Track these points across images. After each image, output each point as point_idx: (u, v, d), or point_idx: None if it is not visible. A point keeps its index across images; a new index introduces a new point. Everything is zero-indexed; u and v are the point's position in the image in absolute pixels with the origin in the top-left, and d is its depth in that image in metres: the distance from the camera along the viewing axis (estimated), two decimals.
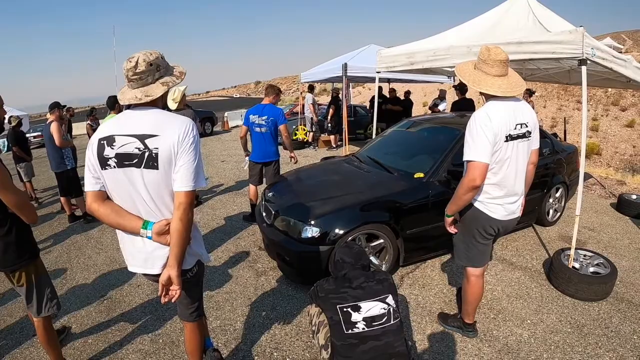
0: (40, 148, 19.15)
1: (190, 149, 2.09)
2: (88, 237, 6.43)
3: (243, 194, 8.20)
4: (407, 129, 6.05)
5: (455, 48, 5.84)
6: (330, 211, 4.19)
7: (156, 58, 2.14)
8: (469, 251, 3.22)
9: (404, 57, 6.59)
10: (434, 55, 6.08)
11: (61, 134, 6.63)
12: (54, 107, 6.80)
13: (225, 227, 6.44)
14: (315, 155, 12.25)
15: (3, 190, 2.56)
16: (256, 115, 5.91)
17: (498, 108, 2.84)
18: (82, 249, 5.95)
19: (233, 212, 7.10)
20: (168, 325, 3.87)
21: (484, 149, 2.77)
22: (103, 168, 2.13)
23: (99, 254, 5.71)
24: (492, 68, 2.85)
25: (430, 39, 6.96)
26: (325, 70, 12.92)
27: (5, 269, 2.85)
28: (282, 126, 5.88)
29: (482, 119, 2.79)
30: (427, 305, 4.03)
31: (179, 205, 2.09)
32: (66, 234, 6.69)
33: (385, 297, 2.58)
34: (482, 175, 2.82)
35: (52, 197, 9.36)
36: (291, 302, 4.15)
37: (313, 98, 13.86)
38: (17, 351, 3.67)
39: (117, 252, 5.71)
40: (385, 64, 7.00)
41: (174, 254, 2.11)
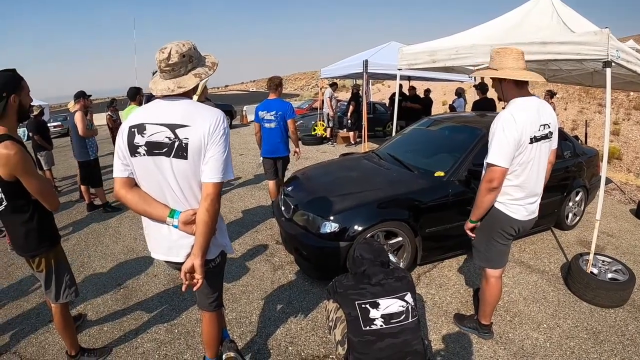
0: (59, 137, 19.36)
1: (220, 140, 2.10)
2: (106, 226, 6.50)
3: (261, 188, 8.22)
4: (428, 127, 6.01)
5: (478, 47, 5.78)
6: (350, 207, 4.18)
7: (189, 49, 2.14)
8: (489, 252, 3.19)
9: (425, 54, 6.53)
10: (456, 54, 6.02)
11: (85, 123, 6.69)
12: (79, 96, 6.88)
13: (243, 220, 6.46)
14: (333, 151, 12.23)
15: (27, 176, 2.61)
16: (265, 111, 5.91)
17: (523, 107, 2.83)
18: (100, 238, 6.02)
19: (251, 206, 7.11)
20: (184, 316, 3.90)
21: (505, 153, 2.77)
22: (132, 155, 2.15)
23: (116, 243, 5.77)
24: (516, 62, 2.86)
25: (452, 37, 6.87)
26: (346, 66, 12.88)
27: (25, 254, 2.89)
28: (290, 120, 5.83)
29: (506, 120, 2.77)
30: (444, 305, 4.00)
31: (206, 196, 2.10)
32: (84, 222, 6.77)
33: (403, 295, 2.56)
34: (499, 179, 2.84)
35: (71, 185, 9.48)
36: (307, 297, 4.16)
37: (331, 93, 13.83)
38: (33, 337, 3.72)
39: (134, 241, 5.78)
40: (406, 61, 6.94)
41: (198, 244, 2.12)
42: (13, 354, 3.50)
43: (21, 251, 2.90)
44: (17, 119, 2.75)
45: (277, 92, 5.94)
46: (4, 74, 2.66)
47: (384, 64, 10.78)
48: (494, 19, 6.76)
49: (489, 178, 2.84)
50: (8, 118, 2.66)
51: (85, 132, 6.67)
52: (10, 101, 2.62)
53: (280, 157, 6.06)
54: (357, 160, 5.85)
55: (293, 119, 5.89)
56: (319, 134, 14.19)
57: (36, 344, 3.63)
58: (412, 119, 10.03)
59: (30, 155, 2.68)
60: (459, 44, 6.22)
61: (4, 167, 2.54)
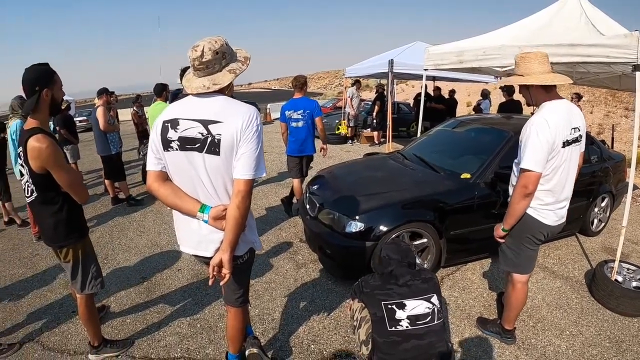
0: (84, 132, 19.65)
1: (253, 137, 2.10)
2: (130, 220, 6.59)
3: (284, 185, 8.22)
4: (453, 128, 5.96)
5: (506, 48, 5.71)
6: (376, 207, 4.17)
7: (221, 46, 2.13)
8: (518, 257, 3.15)
9: (452, 55, 6.47)
10: (483, 55, 5.96)
11: (106, 119, 6.80)
12: (102, 92, 7.01)
13: (266, 217, 6.48)
14: (356, 151, 12.18)
15: (58, 169, 2.66)
16: (292, 110, 5.89)
17: (555, 111, 2.79)
18: (124, 231, 6.10)
19: (275, 203, 7.11)
20: (207, 311, 3.92)
21: (539, 158, 2.74)
22: (165, 150, 2.17)
23: (140, 237, 5.85)
24: (542, 65, 2.83)
25: (479, 37, 6.80)
26: (371, 65, 12.86)
27: (53, 245, 2.95)
28: (318, 118, 5.83)
29: (540, 124, 2.73)
30: (467, 309, 3.97)
31: (237, 192, 2.11)
32: (109, 215, 6.88)
33: (430, 297, 2.55)
34: (534, 184, 2.80)
35: (96, 179, 9.63)
36: (330, 296, 4.15)
37: (353, 92, 13.78)
38: (56, 326, 3.79)
39: (158, 235, 5.84)
40: (433, 61, 6.89)
41: (228, 240, 2.13)
42: (36, 343, 3.57)
43: (49, 241, 2.96)
44: (49, 112, 2.79)
45: (303, 90, 5.94)
46: (37, 68, 2.71)
47: (409, 64, 10.73)
48: (521, 20, 6.69)
49: (524, 183, 2.80)
50: (40, 112, 2.72)
51: (106, 127, 6.79)
52: (43, 95, 2.66)
53: (306, 156, 6.07)
54: (382, 160, 5.83)
55: (320, 116, 5.89)
56: (343, 133, 14.14)
57: (59, 333, 3.69)
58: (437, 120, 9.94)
59: (61, 149, 2.74)
60: (486, 44, 6.16)
61: (35, 160, 2.60)
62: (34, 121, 2.69)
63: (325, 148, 6.19)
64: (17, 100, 5.66)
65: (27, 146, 2.59)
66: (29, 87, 2.65)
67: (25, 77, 2.66)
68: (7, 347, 3.48)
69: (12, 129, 5.56)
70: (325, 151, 6.19)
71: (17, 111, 5.62)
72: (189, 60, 2.14)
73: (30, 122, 2.70)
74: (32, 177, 2.70)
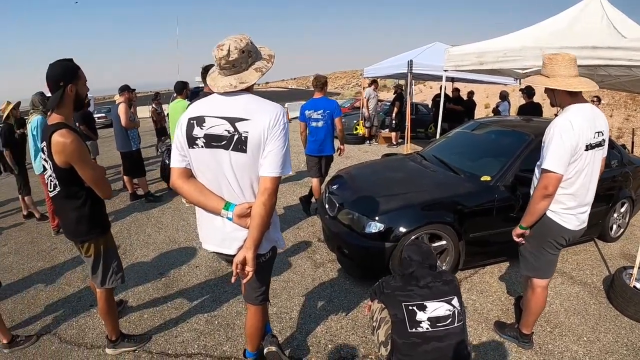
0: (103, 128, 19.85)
1: (280, 135, 2.10)
2: (148, 216, 6.65)
3: (303, 185, 8.21)
4: (473, 130, 5.91)
5: (527, 49, 5.67)
6: (395, 208, 4.16)
7: (247, 44, 2.13)
8: (538, 261, 3.13)
9: (473, 56, 6.44)
10: (504, 56, 5.92)
11: (128, 115, 6.88)
12: (124, 89, 7.09)
13: (285, 216, 6.48)
14: (374, 151, 12.13)
15: (82, 164, 2.68)
16: (312, 110, 5.90)
17: (580, 114, 2.77)
18: (143, 227, 6.16)
19: (293, 202, 7.10)
20: (225, 308, 3.95)
21: (561, 159, 2.72)
22: (190, 147, 2.18)
23: (158, 233, 5.90)
24: (568, 69, 2.80)
25: (500, 38, 6.75)
26: (389, 66, 12.80)
27: (75, 239, 2.97)
28: (337, 119, 5.84)
29: (564, 126, 2.71)
30: (484, 312, 3.94)
31: (264, 190, 2.11)
32: (127, 211, 6.95)
33: (450, 299, 2.54)
34: (555, 186, 2.79)
35: (114, 175, 9.72)
36: (348, 296, 4.15)
37: (369, 94, 13.72)
38: (74, 320, 3.84)
39: (176, 232, 5.89)
40: (453, 62, 6.86)
41: (252, 237, 2.13)
42: (53, 336, 3.62)
43: (72, 236, 2.98)
44: (73, 108, 2.82)
45: (323, 91, 5.95)
46: (62, 63, 2.73)
47: (428, 65, 10.69)
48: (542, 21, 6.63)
49: (544, 184, 2.79)
50: (65, 107, 2.74)
51: (127, 124, 6.86)
52: (67, 90, 2.69)
53: (325, 156, 6.07)
54: (402, 161, 5.81)
55: (340, 117, 5.90)
56: (361, 133, 14.10)
57: (76, 327, 3.74)
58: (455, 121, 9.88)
59: (85, 144, 2.76)
60: (507, 46, 6.12)
61: (60, 155, 2.62)
62: (58, 116, 2.71)
63: (342, 149, 6.19)
64: (38, 96, 5.74)
65: (52, 141, 2.61)
66: (53, 82, 2.67)
67: (50, 72, 2.68)
68: (25, 338, 3.54)
69: (32, 124, 5.61)
70: (342, 152, 6.20)
71: (37, 107, 5.69)
72: (214, 59, 2.14)
73: (54, 117, 2.72)
74: (56, 171, 2.72)
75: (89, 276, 3.18)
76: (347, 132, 14.18)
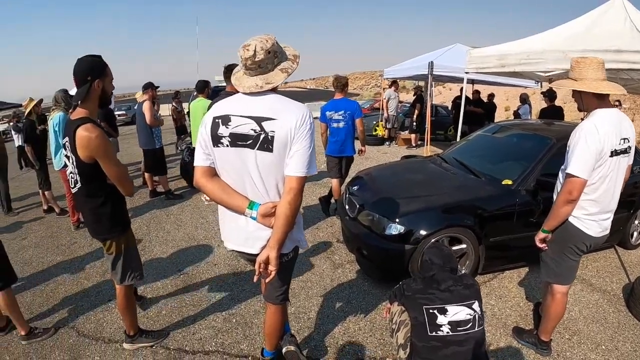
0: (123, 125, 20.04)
1: (306, 135, 2.11)
2: (168, 213, 6.72)
3: (322, 185, 8.21)
4: (494, 133, 5.87)
5: (549, 52, 5.63)
6: (416, 210, 4.16)
7: (272, 45, 2.13)
8: (559, 267, 3.09)
9: (494, 58, 6.40)
10: (527, 59, 5.88)
11: (152, 112, 6.96)
12: (148, 87, 7.19)
13: (304, 216, 6.30)
14: (393, 152, 12.10)
15: (106, 160, 2.70)
16: (332, 111, 5.92)
17: (606, 119, 2.73)
18: (162, 224, 6.22)
19: (312, 202, 7.12)
20: (242, 306, 3.96)
21: (586, 164, 2.69)
22: (215, 145, 2.19)
23: (177, 230, 5.94)
24: (597, 72, 2.76)
25: (522, 40, 6.70)
26: (410, 67, 12.72)
27: (98, 237, 3.01)
28: (358, 120, 5.85)
29: (589, 130, 2.68)
30: (503, 318, 3.90)
31: (289, 189, 2.12)
32: (147, 208, 7.03)
33: (471, 303, 2.52)
34: (579, 191, 2.76)
35: (134, 172, 9.81)
36: (367, 298, 4.13)
37: (390, 94, 13.67)
38: (92, 314, 3.90)
39: (195, 229, 5.92)
40: (474, 64, 6.82)
41: (276, 237, 2.14)
42: (71, 329, 3.68)
43: (94, 233, 3.01)
44: (98, 104, 2.84)
45: (344, 92, 5.98)
46: (90, 59, 2.76)
47: (449, 67, 10.59)
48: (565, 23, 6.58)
49: (569, 189, 2.76)
50: (90, 102, 2.76)
51: (152, 122, 6.92)
52: (95, 86, 2.71)
53: (345, 157, 6.08)
54: (423, 163, 5.79)
55: (361, 118, 5.91)
56: (380, 134, 14.06)
57: (94, 321, 3.79)
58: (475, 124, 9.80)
59: (109, 140, 2.78)
60: (529, 48, 6.08)
61: (84, 149, 2.64)
62: (83, 110, 2.73)
63: (363, 150, 6.21)
64: (61, 93, 5.80)
65: (76, 135, 2.62)
66: (80, 77, 2.69)
67: (78, 67, 2.70)
68: (43, 331, 3.60)
69: (54, 120, 5.67)
70: (363, 152, 6.22)
71: (60, 104, 5.74)
72: (240, 59, 2.14)
73: (79, 111, 2.74)
74: (79, 167, 2.74)
75: (108, 271, 3.20)
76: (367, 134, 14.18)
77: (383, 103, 13.85)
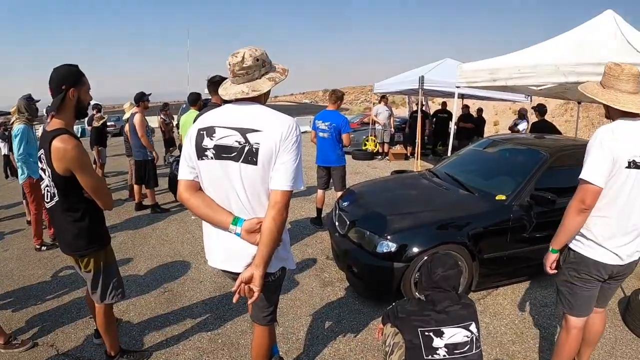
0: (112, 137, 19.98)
1: (292, 148, 2.04)
2: (154, 228, 6.59)
3: (312, 200, 8.08)
4: (485, 148, 5.85)
5: (541, 67, 5.63)
6: (408, 227, 4.09)
7: (261, 54, 2.12)
8: (572, 297, 2.84)
9: (486, 72, 6.40)
10: (518, 73, 5.88)
11: (144, 126, 6.88)
12: (140, 99, 7.09)
13: (292, 232, 6.37)
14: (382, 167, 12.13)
15: (83, 172, 2.60)
16: (320, 121, 6.08)
17: (626, 127, 2.53)
18: (147, 239, 6.09)
19: (301, 217, 7.06)
20: (228, 326, 3.83)
21: (600, 169, 2.46)
22: (200, 158, 2.12)
23: (163, 245, 5.82)
24: (627, 84, 2.56)
25: (514, 54, 6.75)
26: (400, 82, 12.82)
27: (74, 253, 2.87)
28: (345, 135, 5.95)
29: (604, 133, 2.49)
30: (498, 336, 3.79)
31: (274, 204, 2.04)
32: (133, 222, 6.90)
33: (469, 325, 2.42)
34: (592, 199, 2.50)
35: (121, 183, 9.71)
36: (358, 317, 4.02)
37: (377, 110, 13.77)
38: (72, 331, 3.79)
39: (181, 245, 5.82)
40: (465, 78, 6.82)
41: (261, 254, 2.04)
42: (50, 347, 3.56)
43: (70, 250, 2.88)
44: (74, 114, 2.76)
45: (336, 105, 6.12)
46: (66, 67, 2.69)
47: (439, 81, 10.68)
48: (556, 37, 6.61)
49: (581, 197, 2.52)
50: (66, 112, 2.69)
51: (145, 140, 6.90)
52: (69, 94, 2.63)
53: (335, 167, 6.14)
54: (414, 178, 5.76)
55: (348, 133, 5.99)
56: (370, 149, 14.10)
57: (74, 339, 3.66)
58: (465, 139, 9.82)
59: (86, 151, 2.69)
60: (521, 62, 6.08)
61: (60, 161, 2.55)
62: (58, 121, 2.65)
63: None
64: (23, 100, 5.40)
65: (52, 147, 2.54)
66: (55, 85, 2.63)
67: (53, 75, 2.64)
68: (20, 343, 3.51)
69: (14, 132, 5.32)
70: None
71: (23, 113, 5.36)
72: (229, 66, 2.11)
73: (54, 122, 2.66)
74: (55, 180, 2.64)
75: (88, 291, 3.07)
76: (356, 148, 14.15)
77: (374, 118, 13.93)
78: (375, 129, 14.11)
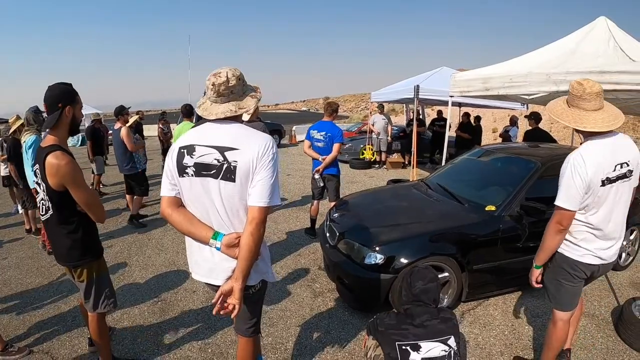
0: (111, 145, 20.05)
1: (268, 165, 2.11)
2: (149, 237, 6.62)
3: (306, 210, 8.00)
4: (479, 157, 5.85)
5: (533, 75, 5.63)
6: (397, 239, 4.10)
7: (240, 73, 2.22)
8: (557, 292, 3.02)
9: (478, 82, 6.41)
10: (510, 82, 5.88)
11: (131, 138, 6.80)
12: (120, 112, 7.02)
13: (286, 242, 6.42)
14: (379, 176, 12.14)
15: (76, 187, 2.67)
16: (316, 131, 6.19)
17: (596, 150, 2.64)
18: (143, 248, 6.13)
19: (295, 227, 7.07)
20: (219, 336, 3.86)
21: (573, 197, 2.63)
22: (180, 175, 2.18)
23: (158, 255, 5.86)
24: (589, 102, 2.64)
25: (506, 63, 6.74)
26: (397, 90, 12.82)
27: (68, 264, 2.94)
28: (336, 144, 6.00)
29: (575, 162, 2.62)
30: (487, 347, 3.79)
31: (252, 220, 2.10)
32: (129, 230, 6.94)
33: (447, 339, 2.45)
34: (568, 221, 2.71)
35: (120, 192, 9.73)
36: (346, 328, 4.03)
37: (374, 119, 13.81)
38: (67, 339, 3.84)
39: (176, 255, 5.84)
40: (459, 88, 6.83)
41: (240, 268, 2.10)
42: (45, 354, 3.60)
43: (64, 261, 2.96)
44: (68, 130, 2.84)
45: (332, 116, 6.21)
46: (61, 86, 2.78)
47: (435, 90, 10.68)
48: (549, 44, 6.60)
49: (558, 220, 2.72)
50: (61, 129, 2.78)
51: (133, 148, 6.81)
52: (65, 112, 2.73)
53: (327, 177, 6.14)
54: (406, 189, 5.77)
55: (340, 143, 6.07)
56: (367, 157, 14.11)
57: (69, 346, 3.71)
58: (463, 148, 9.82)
59: (79, 167, 2.76)
60: (513, 71, 6.09)
61: (53, 177, 2.63)
62: (53, 138, 2.74)
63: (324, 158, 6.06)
64: (31, 113, 5.54)
65: (46, 163, 2.62)
66: (51, 103, 2.71)
67: (48, 94, 2.72)
68: (17, 350, 3.57)
69: (27, 143, 5.43)
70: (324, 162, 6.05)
71: (32, 124, 5.51)
72: (212, 86, 2.16)
73: (48, 139, 2.75)
74: (49, 194, 2.72)
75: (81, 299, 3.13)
76: (353, 157, 14.17)
77: (371, 127, 13.98)
78: (372, 138, 14.17)
